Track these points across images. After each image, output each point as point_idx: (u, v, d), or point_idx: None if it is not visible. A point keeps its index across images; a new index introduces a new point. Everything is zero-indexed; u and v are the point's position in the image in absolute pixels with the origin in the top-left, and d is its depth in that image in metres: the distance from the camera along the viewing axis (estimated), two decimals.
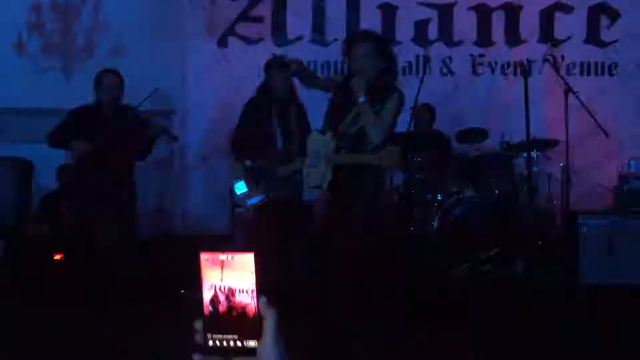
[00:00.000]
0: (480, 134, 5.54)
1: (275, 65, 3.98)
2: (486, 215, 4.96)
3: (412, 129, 5.20)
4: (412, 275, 4.39)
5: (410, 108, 5.35)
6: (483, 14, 6.34)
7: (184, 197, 6.38)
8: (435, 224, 4.93)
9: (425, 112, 5.59)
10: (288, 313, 1.03)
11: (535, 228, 4.98)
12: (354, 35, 3.51)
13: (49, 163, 5.39)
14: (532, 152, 5.09)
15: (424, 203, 5.12)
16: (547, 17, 6.34)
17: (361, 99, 3.19)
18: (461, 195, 5.05)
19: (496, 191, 5.19)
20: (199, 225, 6.04)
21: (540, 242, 4.87)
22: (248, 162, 3.09)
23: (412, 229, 5.10)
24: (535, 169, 5.22)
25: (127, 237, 4.26)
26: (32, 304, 4.08)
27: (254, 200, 3.64)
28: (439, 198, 5.07)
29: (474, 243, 4.85)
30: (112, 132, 4.22)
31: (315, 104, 3.78)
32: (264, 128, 3.93)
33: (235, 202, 3.89)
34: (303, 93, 4.06)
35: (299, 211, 3.86)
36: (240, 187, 3.75)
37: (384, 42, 3.48)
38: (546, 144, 5.38)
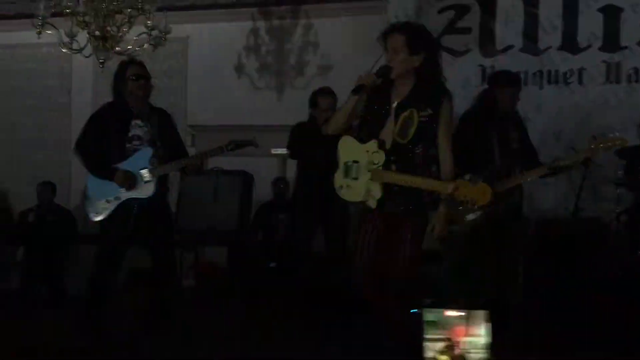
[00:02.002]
0: None
1: (505, 79, 3.86)
2: None
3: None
4: None
5: None
6: None
7: None
8: None
9: None
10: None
11: None
12: (385, 29, 2.99)
13: (264, 176, 5.75)
14: None
15: None
16: None
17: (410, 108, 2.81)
18: None
19: None
20: None
21: None
22: (467, 176, 2.96)
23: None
24: None
25: (338, 247, 4.39)
26: (248, 307, 4.34)
27: (472, 215, 3.49)
28: None
29: None
30: (329, 148, 4.38)
31: None
32: (481, 141, 3.77)
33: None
34: None
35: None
36: None
37: (417, 34, 2.90)
38: None
